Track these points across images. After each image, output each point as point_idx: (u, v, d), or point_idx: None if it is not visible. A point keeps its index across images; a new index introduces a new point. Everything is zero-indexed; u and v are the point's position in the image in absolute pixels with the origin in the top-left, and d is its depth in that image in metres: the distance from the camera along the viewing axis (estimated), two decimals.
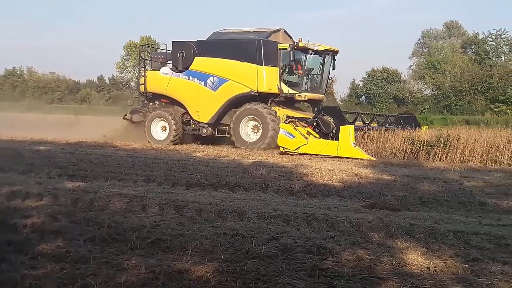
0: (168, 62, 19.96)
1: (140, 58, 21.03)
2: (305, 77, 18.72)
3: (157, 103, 20.31)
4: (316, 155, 14.95)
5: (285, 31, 19.22)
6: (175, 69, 19.36)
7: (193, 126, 19.45)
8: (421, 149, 14.49)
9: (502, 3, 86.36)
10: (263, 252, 4.95)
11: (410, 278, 4.34)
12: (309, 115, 17.58)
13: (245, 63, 18.08)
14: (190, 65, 19.04)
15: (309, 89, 18.88)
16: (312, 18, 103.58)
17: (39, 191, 7.93)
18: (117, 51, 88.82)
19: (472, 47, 50.60)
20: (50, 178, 9.68)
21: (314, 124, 15.83)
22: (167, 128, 19.28)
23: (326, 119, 15.59)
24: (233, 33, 19.57)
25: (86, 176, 9.83)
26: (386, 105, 48.01)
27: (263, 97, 18.20)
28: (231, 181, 9.60)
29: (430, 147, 14.50)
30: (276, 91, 17.98)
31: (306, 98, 18.59)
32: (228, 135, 18.60)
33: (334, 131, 15.30)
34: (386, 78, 48.87)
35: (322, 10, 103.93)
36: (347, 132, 14.76)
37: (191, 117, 19.35)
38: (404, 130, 16.13)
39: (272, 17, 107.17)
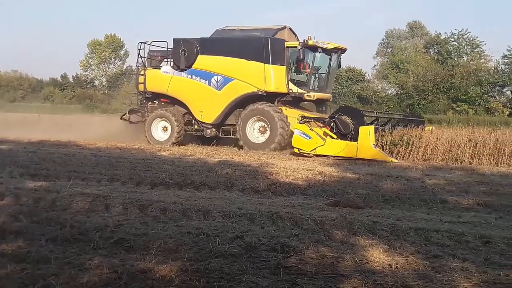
0: (165, 60, 19.26)
1: (139, 56, 19.63)
2: (313, 76, 18.05)
3: (156, 102, 19.39)
4: (334, 156, 14.39)
5: (290, 29, 18.52)
6: (177, 67, 18.56)
7: (196, 126, 18.66)
8: (384, 149, 14.62)
9: (463, 4, 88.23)
10: (227, 251, 4.96)
11: (372, 275, 4.41)
12: (317, 114, 17.25)
13: (251, 61, 17.35)
14: (192, 63, 18.23)
15: (317, 89, 18.18)
16: (278, 17, 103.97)
17: (0, 191, 7.77)
18: (82, 50, 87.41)
19: (435, 47, 51.50)
20: (11, 177, 9.48)
21: (332, 125, 15.20)
22: (168, 129, 18.49)
23: (344, 119, 15.05)
24: (237, 30, 18.91)
25: (49, 176, 9.67)
26: (350, 104, 48.46)
27: (270, 97, 17.44)
28: (196, 180, 9.57)
29: (393, 146, 14.70)
30: (284, 90, 17.29)
31: (315, 98, 17.79)
32: (233, 136, 17.98)
33: (352, 132, 14.81)
34: (350, 78, 49.36)
35: (287, 10, 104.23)
36: (367, 132, 14.19)
37: (194, 117, 18.55)
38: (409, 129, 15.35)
39: (239, 17, 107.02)
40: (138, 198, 7.53)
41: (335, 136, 14.98)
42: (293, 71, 17.62)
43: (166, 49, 19.13)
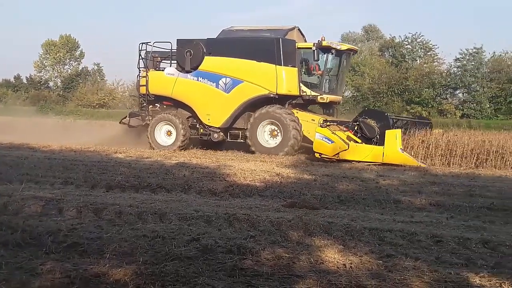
0: (164, 61, 18.70)
1: (140, 58, 18.71)
2: (325, 78, 17.31)
3: (158, 105, 18.70)
4: (359, 161, 13.84)
5: (299, 29, 17.89)
6: (181, 69, 17.79)
7: (202, 130, 17.90)
8: None
9: (417, 8, 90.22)
10: (183, 253, 4.94)
11: (327, 275, 4.46)
12: (327, 116, 16.83)
13: (262, 63, 16.68)
14: (199, 65, 17.46)
15: (328, 91, 17.39)
16: (237, 18, 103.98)
17: None
18: (36, 50, 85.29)
19: (389, 50, 52.48)
20: None
21: (356, 128, 14.77)
22: (173, 133, 17.74)
23: (369, 123, 14.65)
24: (245, 31, 18.18)
25: (0, 179, 9.40)
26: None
27: (281, 100, 16.80)
28: (152, 182, 9.49)
29: None
30: (296, 93, 16.64)
31: (328, 101, 17.13)
32: (241, 140, 17.34)
33: (378, 136, 14.43)
34: None
35: (244, 11, 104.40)
36: (394, 136, 13.75)
37: (200, 121, 17.75)
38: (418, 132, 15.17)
39: (201, 17, 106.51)
40: (92, 202, 7.41)
41: (359, 141, 14.50)
42: (304, 72, 17.12)
43: (166, 50, 18.43)
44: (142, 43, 18.47)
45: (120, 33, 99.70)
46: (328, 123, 14.85)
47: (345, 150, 14.08)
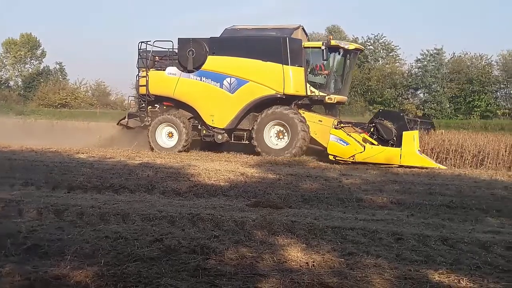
0: (161, 61, 18.11)
1: (140, 57, 18.22)
2: (332, 78, 16.99)
3: (158, 106, 18.29)
4: (375, 164, 13.62)
5: (303, 28, 17.63)
6: (183, 69, 17.33)
7: (204, 131, 17.49)
8: None
9: (379, 9, 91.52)
10: (146, 254, 4.90)
11: (290, 274, 4.49)
12: (325, 117, 16.61)
13: (268, 62, 16.28)
14: (202, 64, 17.05)
15: (336, 91, 17.05)
16: (204, 18, 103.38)
17: None
18: None
19: None
20: None
21: (372, 130, 14.60)
22: (174, 134, 17.35)
23: (385, 124, 14.45)
24: (249, 29, 17.81)
25: None
26: None
27: (287, 100, 16.46)
28: (115, 183, 9.40)
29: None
30: (303, 93, 16.25)
31: (335, 101, 16.77)
32: (246, 142, 16.97)
33: (395, 138, 14.26)
34: None
35: (212, 11, 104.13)
36: (411, 138, 13.58)
37: (203, 122, 17.34)
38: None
39: (163, 17, 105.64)
40: (53, 203, 7.29)
41: (375, 142, 14.30)
42: (309, 72, 16.75)
43: (166, 49, 17.98)
44: (141, 42, 18.10)
45: (83, 33, 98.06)
46: (342, 125, 14.70)
47: (361, 152, 13.88)
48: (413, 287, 4.30)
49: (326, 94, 16.35)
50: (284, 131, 16.07)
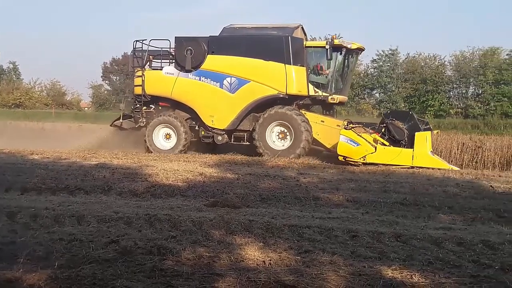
0: (154, 60, 17.77)
1: (135, 56, 17.75)
2: (334, 78, 16.71)
3: (153, 107, 17.81)
4: (386, 165, 13.47)
5: (302, 28, 17.36)
6: (181, 68, 16.94)
7: (203, 132, 17.07)
8: None
9: (336, 10, 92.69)
10: (101, 256, 4.85)
11: (247, 273, 4.52)
12: (325, 117, 16.41)
13: (270, 62, 16.01)
14: (200, 64, 16.70)
15: (337, 91, 16.73)
16: (163, 17, 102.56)
17: None
18: None
19: None
20: None
21: (383, 130, 14.39)
22: (172, 136, 17.00)
23: (397, 125, 14.25)
24: (248, 28, 17.38)
25: None
26: None
27: (288, 100, 16.26)
28: (71, 184, 9.25)
29: None
30: (305, 93, 16.00)
31: (337, 101, 16.48)
32: (247, 143, 16.69)
33: (406, 138, 14.07)
34: None
35: (172, 11, 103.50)
36: (423, 139, 13.51)
37: (202, 123, 16.96)
38: None
39: (125, 16, 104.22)
40: (6, 205, 7.14)
41: (387, 143, 14.09)
42: (311, 72, 16.50)
43: (158, 48, 17.56)
44: (137, 41, 17.66)
45: (38, 32, 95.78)
46: (352, 125, 14.54)
47: (372, 153, 13.80)
48: (367, 283, 4.38)
49: (328, 94, 16.19)
50: (287, 131, 15.90)
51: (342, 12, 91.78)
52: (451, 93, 43.60)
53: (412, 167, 13.19)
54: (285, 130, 15.90)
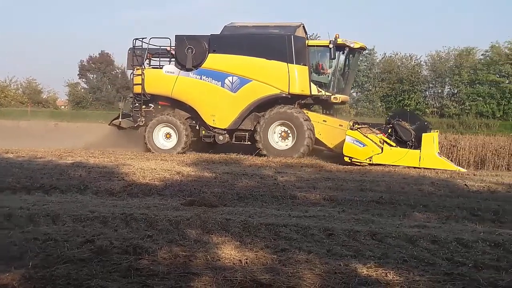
0: (153, 58, 17.55)
1: (134, 55, 17.47)
2: (336, 77, 16.51)
3: (152, 106, 17.59)
4: (393, 165, 13.39)
5: (303, 27, 17.15)
6: (181, 67, 16.70)
7: (204, 132, 16.86)
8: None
9: (314, 9, 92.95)
10: (76, 255, 4.81)
11: (223, 271, 4.52)
12: (326, 116, 16.26)
13: (272, 61, 15.82)
14: (201, 63, 16.47)
15: (339, 90, 16.57)
16: (139, 17, 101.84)
17: None
18: None
19: None
20: None
21: (389, 131, 14.23)
22: (173, 135, 16.79)
23: (404, 125, 14.14)
24: (250, 27, 17.10)
25: None
26: None
27: (290, 100, 16.09)
28: (46, 183, 9.16)
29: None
30: (308, 92, 15.80)
31: (340, 101, 16.45)
32: (249, 143, 16.50)
33: (413, 139, 13.97)
34: None
35: (148, 10, 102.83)
36: (431, 140, 13.47)
37: (203, 122, 16.73)
38: None
39: (99, 16, 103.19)
40: None
41: (393, 144, 13.98)
42: (313, 71, 16.22)
43: (156, 46, 17.26)
44: (136, 39, 17.36)
45: (14, 30, 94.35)
46: (358, 126, 14.47)
47: (378, 153, 13.74)
48: (342, 281, 4.42)
49: (331, 94, 16.08)
50: (289, 131, 15.78)
51: (319, 10, 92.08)
52: (427, 93, 44.10)
53: (418, 168, 13.16)
54: (288, 130, 15.81)
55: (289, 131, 15.77)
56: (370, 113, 41.72)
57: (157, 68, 17.50)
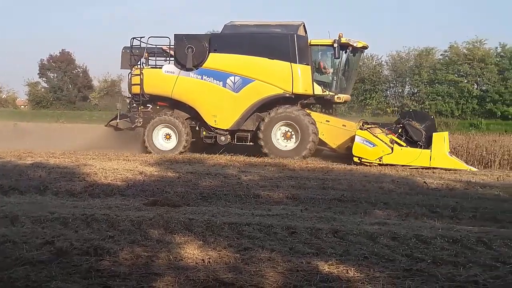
0: (150, 58, 17.14)
1: (132, 54, 17.05)
2: (339, 77, 16.16)
3: (150, 106, 17.14)
4: (403, 166, 13.22)
5: (304, 26, 16.86)
6: (181, 67, 16.35)
7: (205, 133, 16.54)
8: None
9: (279, 8, 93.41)
10: (36, 257, 4.74)
11: (185, 271, 4.52)
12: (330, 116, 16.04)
13: (275, 60, 15.59)
14: (202, 62, 16.16)
15: (341, 90, 16.31)
16: (104, 14, 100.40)
17: None
18: None
19: None
20: None
21: (399, 131, 14.13)
22: (172, 136, 16.46)
23: (415, 125, 14.08)
24: (251, 26, 16.77)
25: None
26: None
27: (294, 99, 15.91)
28: (4, 184, 8.98)
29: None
30: (311, 92, 15.64)
31: (343, 100, 16.40)
32: (250, 143, 16.26)
33: (423, 139, 13.89)
34: None
35: (111, 6, 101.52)
36: (441, 140, 13.37)
37: (204, 123, 16.41)
38: None
39: (60, 14, 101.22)
40: None
41: (404, 144, 13.89)
42: (315, 71, 16.05)
43: (154, 46, 16.85)
44: (134, 38, 16.96)
45: None
46: (368, 126, 14.36)
47: (388, 153, 13.65)
48: (304, 278, 4.47)
49: (334, 93, 15.91)
50: (292, 131, 15.59)
51: (283, 10, 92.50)
52: (388, 92, 44.75)
53: (428, 168, 13.13)
54: (291, 130, 15.64)
55: (292, 132, 15.62)
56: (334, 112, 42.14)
57: (155, 67, 17.21)
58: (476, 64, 39.11)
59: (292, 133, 15.58)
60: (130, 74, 17.32)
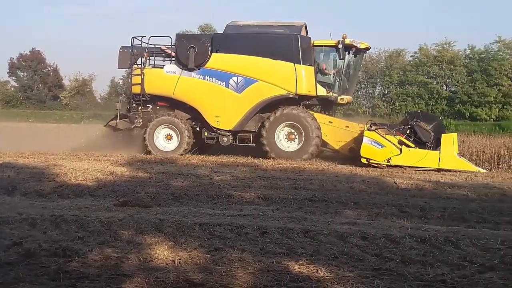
0: (150, 58, 16.87)
1: (132, 54, 16.83)
2: (341, 78, 16.08)
3: (150, 106, 16.84)
4: (411, 167, 13.16)
5: (305, 26, 16.72)
6: (183, 67, 16.15)
7: (207, 133, 16.29)
8: None
9: (253, 8, 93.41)
10: (3, 259, 4.68)
11: (155, 272, 4.50)
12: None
13: (279, 61, 15.47)
14: (204, 62, 15.97)
15: (343, 91, 16.20)
16: (74, 12, 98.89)
17: None
18: None
19: None
20: None
21: (408, 132, 13.99)
22: (174, 137, 16.20)
23: (423, 126, 13.96)
24: (253, 26, 16.64)
25: None
26: None
27: (298, 100, 15.81)
28: None
29: None
30: (314, 93, 15.55)
31: (345, 102, 16.26)
32: (253, 144, 16.03)
33: (432, 140, 13.76)
34: None
35: (82, 5, 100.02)
36: (450, 141, 13.26)
37: (206, 123, 16.17)
38: None
39: (29, 12, 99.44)
40: None
41: (412, 145, 13.74)
42: (318, 72, 15.90)
43: (154, 45, 16.63)
44: (135, 38, 16.67)
45: None
46: (376, 127, 14.23)
47: (397, 155, 13.50)
48: (275, 278, 4.49)
49: (337, 94, 15.83)
50: (295, 132, 15.47)
51: (259, 9, 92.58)
52: (359, 93, 45.07)
53: (438, 170, 13.08)
54: (294, 131, 15.53)
55: (295, 133, 15.51)
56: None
57: (156, 67, 17.01)
58: (445, 66, 39.69)
59: (296, 134, 15.53)
60: (130, 74, 17.10)
